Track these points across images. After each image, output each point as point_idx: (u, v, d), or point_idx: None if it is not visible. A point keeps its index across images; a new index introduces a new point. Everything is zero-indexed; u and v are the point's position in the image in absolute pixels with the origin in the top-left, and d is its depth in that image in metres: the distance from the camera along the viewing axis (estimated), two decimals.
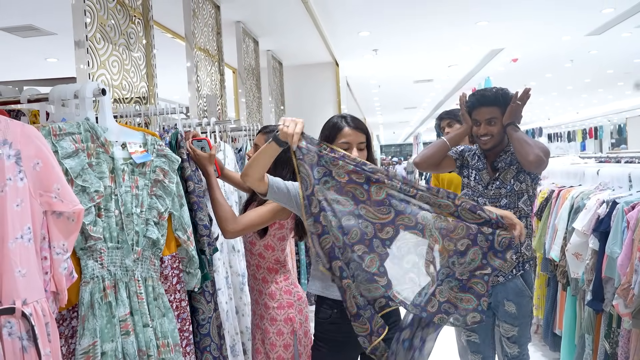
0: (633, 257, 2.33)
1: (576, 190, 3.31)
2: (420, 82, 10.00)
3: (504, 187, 2.35)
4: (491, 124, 2.34)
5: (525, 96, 2.29)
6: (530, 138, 2.31)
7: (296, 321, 2.08)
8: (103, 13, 2.31)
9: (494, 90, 2.36)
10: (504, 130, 2.34)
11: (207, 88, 3.63)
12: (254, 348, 2.15)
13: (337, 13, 4.96)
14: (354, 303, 1.68)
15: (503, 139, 2.37)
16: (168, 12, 3.69)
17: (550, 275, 3.62)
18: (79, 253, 1.38)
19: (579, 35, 6.56)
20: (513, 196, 2.34)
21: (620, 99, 16.26)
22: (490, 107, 2.33)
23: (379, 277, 1.69)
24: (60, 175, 1.22)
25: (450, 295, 1.73)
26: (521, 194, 2.34)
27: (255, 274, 2.18)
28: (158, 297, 1.57)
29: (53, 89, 1.51)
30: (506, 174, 2.36)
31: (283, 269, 2.16)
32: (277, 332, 2.06)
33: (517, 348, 2.41)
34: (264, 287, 2.14)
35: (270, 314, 2.10)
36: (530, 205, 2.37)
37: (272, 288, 2.13)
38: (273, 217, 2.05)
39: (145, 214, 1.57)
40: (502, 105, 2.32)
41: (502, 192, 2.35)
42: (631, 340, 2.44)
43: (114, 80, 2.38)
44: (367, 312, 1.69)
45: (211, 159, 2.02)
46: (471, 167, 2.47)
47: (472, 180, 2.45)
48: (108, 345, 1.38)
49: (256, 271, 2.17)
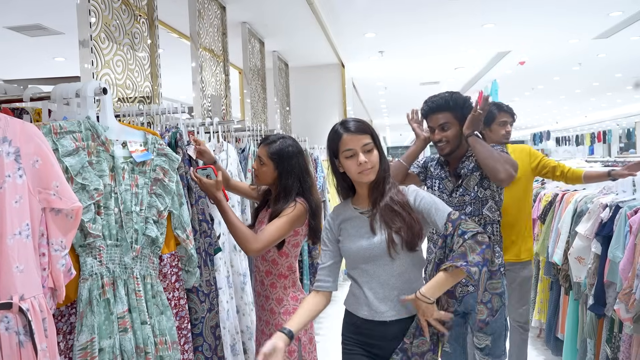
0: (635, 262, 2.32)
1: (580, 194, 3.30)
2: (427, 84, 9.99)
3: (467, 194, 2.30)
4: (444, 129, 2.30)
5: (485, 104, 2.26)
6: (493, 150, 2.26)
7: None
8: (108, 13, 2.33)
9: (444, 95, 2.32)
10: (461, 134, 2.30)
11: (211, 88, 3.65)
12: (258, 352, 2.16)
13: (343, 14, 4.97)
14: None
15: (462, 144, 2.32)
16: (174, 13, 3.72)
17: (553, 279, 3.60)
18: (77, 250, 1.39)
19: (587, 38, 6.53)
20: (477, 203, 2.29)
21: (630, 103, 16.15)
22: (442, 113, 2.30)
23: None
24: (59, 172, 1.23)
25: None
26: (485, 200, 2.29)
27: (263, 280, 2.18)
28: (156, 294, 1.58)
29: (55, 88, 1.53)
30: (469, 180, 2.30)
31: (293, 275, 2.17)
32: None
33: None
34: (271, 292, 2.14)
35: (276, 320, 2.10)
36: (496, 211, 2.32)
37: (279, 294, 2.13)
38: (291, 227, 2.06)
39: (145, 212, 1.59)
40: (453, 110, 2.28)
41: (466, 200, 2.30)
42: (632, 346, 2.42)
43: (118, 79, 2.40)
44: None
45: (218, 186, 2.01)
46: (434, 177, 2.44)
47: (436, 190, 2.41)
48: (106, 341, 1.39)
49: (265, 277, 2.17)
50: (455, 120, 2.28)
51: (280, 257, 2.13)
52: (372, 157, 1.75)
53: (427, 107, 2.34)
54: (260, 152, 2.17)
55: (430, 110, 2.34)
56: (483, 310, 2.21)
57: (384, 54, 6.69)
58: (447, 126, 2.29)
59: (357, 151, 1.73)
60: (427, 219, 1.74)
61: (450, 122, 2.29)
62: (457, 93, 2.33)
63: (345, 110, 7.02)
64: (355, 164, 1.72)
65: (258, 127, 3.36)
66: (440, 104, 2.30)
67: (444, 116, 2.30)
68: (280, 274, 2.13)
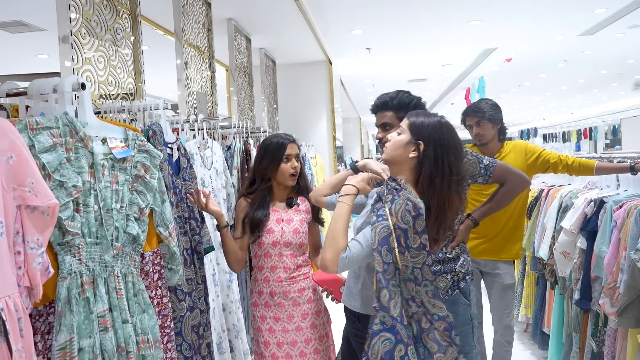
0: (619, 256, 2.33)
1: (565, 189, 3.32)
2: (415, 82, 10.01)
3: None
4: (386, 128, 2.20)
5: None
6: (499, 201, 2.41)
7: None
8: (89, 8, 2.29)
9: (391, 94, 2.22)
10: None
11: (197, 85, 3.62)
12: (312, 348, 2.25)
13: (329, 11, 4.96)
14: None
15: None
16: (159, 9, 3.68)
17: (540, 274, 3.63)
18: (56, 248, 1.36)
19: (572, 35, 6.57)
20: None
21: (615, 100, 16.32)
22: (385, 111, 2.21)
23: None
24: (34, 169, 1.20)
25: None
26: None
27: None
28: (138, 293, 1.56)
29: (32, 83, 1.50)
30: None
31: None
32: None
33: (462, 358, 2.31)
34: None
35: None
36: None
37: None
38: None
39: (126, 209, 1.56)
40: (396, 109, 2.17)
41: None
42: (617, 339, 2.44)
43: (100, 76, 2.36)
44: None
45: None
46: None
47: None
48: (85, 341, 1.37)
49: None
50: (398, 120, 2.12)
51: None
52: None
53: (374, 105, 2.28)
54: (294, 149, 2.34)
55: (376, 108, 2.27)
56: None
57: (371, 50, 6.69)
58: (389, 126, 2.19)
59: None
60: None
61: (392, 122, 2.17)
62: (406, 93, 2.22)
63: (333, 107, 7.01)
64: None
65: (244, 124, 3.33)
66: (385, 101, 2.21)
67: (387, 115, 2.20)
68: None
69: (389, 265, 1.60)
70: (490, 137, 2.93)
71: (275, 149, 2.28)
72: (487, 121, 2.91)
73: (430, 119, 1.80)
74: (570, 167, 2.90)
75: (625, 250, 2.27)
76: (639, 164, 2.65)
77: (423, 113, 1.86)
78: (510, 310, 2.95)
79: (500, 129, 2.96)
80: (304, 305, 2.24)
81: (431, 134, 1.76)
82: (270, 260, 2.25)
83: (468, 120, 2.98)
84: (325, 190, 2.13)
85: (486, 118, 2.90)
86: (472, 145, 3.04)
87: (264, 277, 2.26)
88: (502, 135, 2.98)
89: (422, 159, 1.76)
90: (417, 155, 1.77)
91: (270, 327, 2.25)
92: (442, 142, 1.75)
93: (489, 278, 2.95)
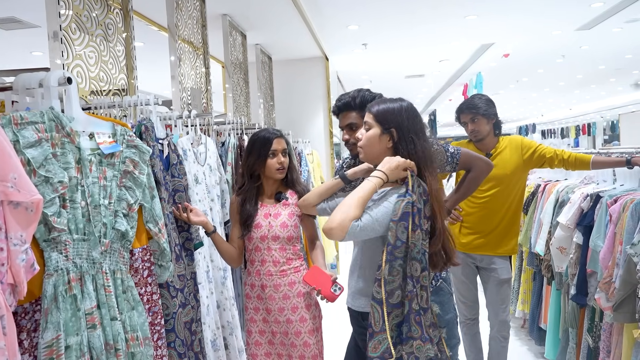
0: (615, 251, 2.32)
1: (561, 184, 3.31)
2: (412, 77, 9.98)
3: None
4: (352, 129, 2.18)
5: None
6: (464, 192, 2.42)
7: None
8: (79, 3, 2.27)
9: (352, 93, 2.18)
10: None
11: (191, 81, 3.59)
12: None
13: (325, 6, 4.92)
14: None
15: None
16: (153, 4, 3.65)
17: (536, 269, 3.62)
18: (42, 245, 1.34)
19: (569, 29, 6.54)
20: None
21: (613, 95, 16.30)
22: (349, 112, 2.18)
23: None
24: (17, 164, 1.18)
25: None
26: None
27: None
28: (127, 289, 1.54)
29: (17, 78, 1.47)
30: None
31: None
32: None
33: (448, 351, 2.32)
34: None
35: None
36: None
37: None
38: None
39: (114, 205, 1.54)
40: (360, 109, 2.12)
41: None
42: (613, 334, 2.43)
43: (91, 72, 2.33)
44: None
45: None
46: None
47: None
48: (73, 338, 1.35)
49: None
50: (362, 119, 2.03)
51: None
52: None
53: (335, 106, 2.24)
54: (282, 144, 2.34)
55: (337, 109, 2.22)
56: (433, 306, 2.23)
57: (367, 46, 6.65)
58: (355, 126, 2.16)
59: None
60: None
61: (357, 122, 2.14)
62: (366, 91, 2.18)
63: (329, 103, 6.98)
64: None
65: (238, 120, 3.31)
66: (347, 102, 2.17)
67: (351, 116, 2.17)
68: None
69: (402, 243, 1.64)
70: (486, 133, 2.91)
71: (261, 145, 2.28)
72: (481, 117, 2.89)
73: (391, 104, 1.81)
74: (566, 161, 2.88)
75: (621, 244, 2.26)
76: (635, 158, 2.63)
77: (381, 101, 1.86)
78: (507, 305, 2.93)
79: (495, 124, 2.94)
80: (294, 299, 2.25)
81: (398, 117, 1.77)
82: (260, 254, 2.28)
83: (462, 117, 2.97)
84: (314, 199, 2.09)
85: (480, 114, 2.88)
86: (468, 141, 3.02)
87: (255, 270, 2.30)
88: (497, 130, 2.96)
89: (397, 144, 1.78)
90: (393, 143, 1.78)
91: (263, 318, 2.31)
92: (409, 124, 1.78)
93: (485, 273, 2.94)
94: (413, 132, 1.77)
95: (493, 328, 2.95)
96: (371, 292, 1.70)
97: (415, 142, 1.76)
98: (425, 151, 1.77)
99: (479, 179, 2.37)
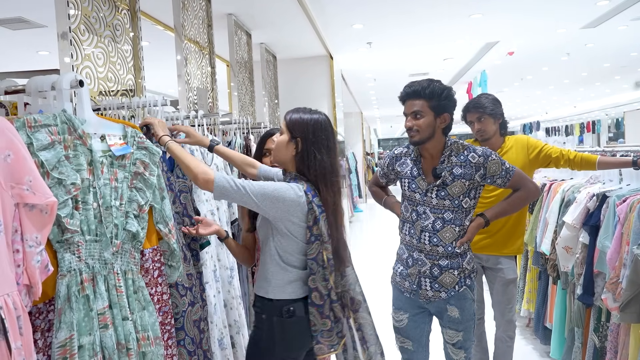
0: (622, 251, 2.32)
1: (567, 183, 3.31)
2: (416, 76, 9.97)
3: (449, 199, 2.23)
4: (417, 117, 2.22)
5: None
6: (513, 203, 2.35)
7: None
8: (87, 4, 2.28)
9: (422, 82, 2.23)
10: (434, 125, 2.22)
11: (197, 81, 3.60)
12: None
13: (329, 5, 4.93)
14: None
15: (435, 136, 2.24)
16: (159, 4, 3.66)
17: (542, 269, 3.62)
18: (55, 246, 1.36)
19: (574, 27, 6.53)
20: (460, 212, 2.25)
21: (618, 93, 16.23)
22: (417, 100, 2.22)
23: None
24: (32, 167, 1.20)
25: None
26: (469, 210, 2.28)
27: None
28: (138, 290, 1.56)
29: (30, 81, 1.49)
30: (453, 187, 2.22)
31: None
32: None
33: (462, 353, 2.33)
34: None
35: None
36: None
37: None
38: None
39: (125, 206, 1.56)
40: (428, 98, 2.19)
41: (446, 204, 2.23)
42: (620, 335, 2.43)
43: (99, 72, 2.35)
44: None
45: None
46: (404, 176, 2.35)
47: (407, 190, 2.33)
48: (85, 338, 1.37)
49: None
50: (429, 109, 2.20)
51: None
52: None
53: (404, 92, 2.28)
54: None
55: (406, 96, 2.26)
56: (454, 310, 2.27)
57: (372, 45, 6.66)
58: (420, 114, 2.21)
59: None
60: None
61: (423, 110, 2.20)
62: (438, 82, 2.24)
63: (334, 102, 6.99)
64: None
65: (244, 119, 3.32)
66: (417, 90, 2.22)
67: (418, 104, 2.21)
68: None
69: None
70: (492, 133, 2.91)
71: (259, 144, 2.39)
72: (488, 116, 2.89)
73: (306, 115, 1.87)
74: (572, 161, 2.88)
75: (628, 245, 2.26)
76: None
77: (301, 110, 1.91)
78: (513, 305, 2.94)
79: (502, 124, 2.94)
80: None
81: (305, 130, 1.84)
82: None
83: (469, 116, 2.97)
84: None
85: (487, 113, 2.88)
86: (474, 140, 3.02)
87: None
88: (503, 130, 2.96)
89: (301, 153, 1.84)
90: (297, 152, 1.85)
91: None
92: (314, 138, 1.84)
93: (491, 273, 2.94)
94: (316, 146, 1.84)
95: (499, 328, 2.96)
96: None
97: (315, 156, 1.83)
98: (324, 166, 1.84)
99: (525, 201, 2.35)
